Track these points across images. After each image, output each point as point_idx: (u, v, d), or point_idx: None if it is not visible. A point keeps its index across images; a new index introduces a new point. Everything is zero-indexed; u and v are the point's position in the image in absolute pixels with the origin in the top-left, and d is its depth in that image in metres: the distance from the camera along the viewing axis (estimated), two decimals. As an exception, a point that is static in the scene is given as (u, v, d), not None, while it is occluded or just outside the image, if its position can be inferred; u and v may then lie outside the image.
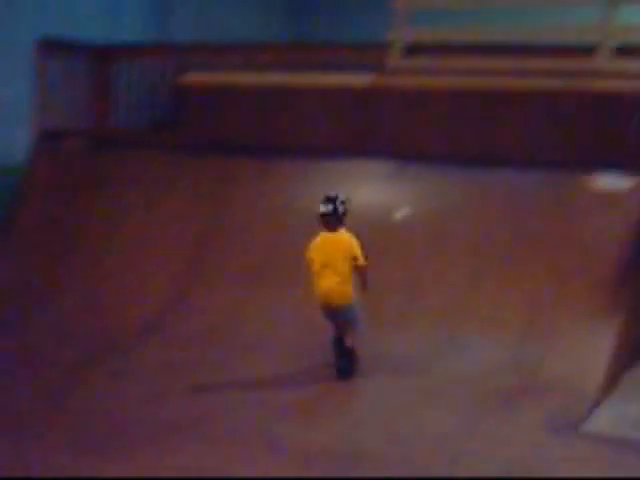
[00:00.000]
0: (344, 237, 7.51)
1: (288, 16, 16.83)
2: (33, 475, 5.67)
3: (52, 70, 11.25)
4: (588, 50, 9.71)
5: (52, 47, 11.17)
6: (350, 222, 7.60)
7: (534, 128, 9.44)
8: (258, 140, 10.51)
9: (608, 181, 8.22)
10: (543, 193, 8.62)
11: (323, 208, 7.49)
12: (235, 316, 8.62)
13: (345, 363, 7.51)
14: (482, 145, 9.58)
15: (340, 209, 7.50)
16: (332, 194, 7.56)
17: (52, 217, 10.11)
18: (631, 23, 10.28)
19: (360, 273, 7.47)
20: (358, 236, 7.51)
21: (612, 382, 7.21)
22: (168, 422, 6.53)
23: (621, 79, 9.39)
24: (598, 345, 7.35)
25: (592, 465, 5.94)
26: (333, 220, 7.50)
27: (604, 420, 6.65)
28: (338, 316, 7.49)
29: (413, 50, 10.59)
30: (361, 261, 7.42)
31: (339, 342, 7.53)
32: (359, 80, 10.40)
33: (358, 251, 7.44)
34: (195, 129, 10.96)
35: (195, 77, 11.26)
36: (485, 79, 9.85)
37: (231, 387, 7.32)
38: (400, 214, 8.10)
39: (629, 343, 7.66)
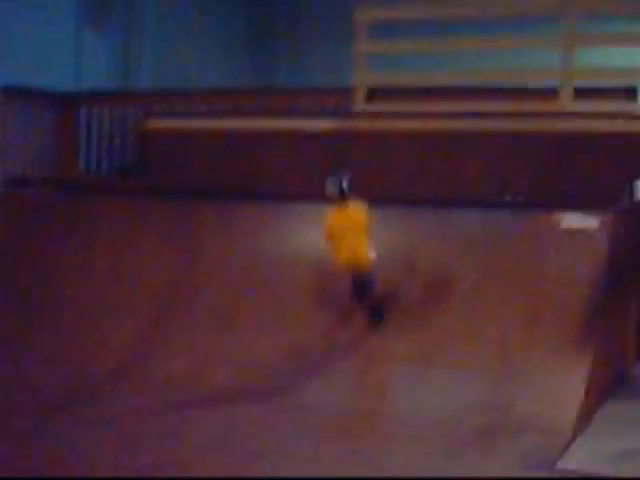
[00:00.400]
0: (354, 212, 8.30)
1: (252, 62, 16.94)
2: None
3: (15, 118, 11.22)
4: (550, 92, 9.85)
5: (15, 95, 11.15)
6: (318, 265, 7.63)
7: (500, 169, 9.54)
8: (224, 185, 10.52)
9: (575, 219, 8.29)
10: (510, 233, 8.66)
11: (330, 190, 8.27)
12: (205, 362, 8.56)
13: (375, 316, 8.42)
14: (448, 186, 9.65)
15: (345, 187, 8.23)
16: (334, 175, 8.31)
17: (17, 265, 10.02)
18: (590, 65, 10.45)
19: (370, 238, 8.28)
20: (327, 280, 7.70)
21: (586, 418, 7.24)
22: (139, 468, 6.43)
23: (583, 119, 9.53)
24: (571, 382, 7.37)
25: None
26: (340, 198, 8.26)
27: (580, 456, 6.65)
28: (361, 281, 8.27)
29: (377, 93, 10.68)
30: (372, 227, 8.26)
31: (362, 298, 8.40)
32: (324, 124, 10.46)
33: (368, 219, 8.27)
34: (161, 175, 10.96)
35: (160, 123, 11.27)
36: (450, 121, 9.96)
37: (202, 433, 7.25)
38: (371, 255, 8.17)
39: (601, 379, 7.70)
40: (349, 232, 8.18)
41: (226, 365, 8.48)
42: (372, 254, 8.23)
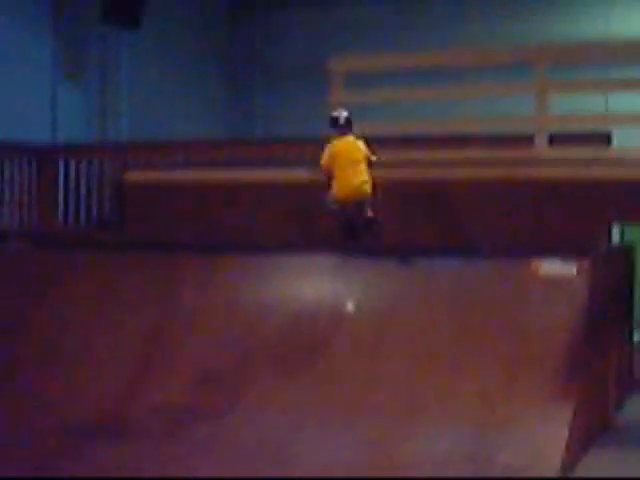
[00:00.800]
0: (356, 140, 9.28)
1: (229, 113, 17.01)
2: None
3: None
4: (525, 139, 9.92)
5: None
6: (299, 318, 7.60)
7: (476, 217, 9.57)
8: (202, 237, 10.51)
9: (553, 266, 8.30)
10: (488, 281, 8.65)
11: (338, 115, 9.31)
12: (186, 415, 8.49)
13: (371, 234, 9.27)
14: (425, 235, 9.68)
15: (350, 117, 9.28)
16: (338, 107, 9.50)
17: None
18: (565, 112, 10.53)
19: (370, 168, 9.22)
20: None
21: (570, 467, 7.21)
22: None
23: (558, 166, 9.59)
24: (553, 431, 7.32)
25: None
26: (346, 126, 9.25)
27: (564, 506, 6.64)
28: (361, 206, 9.16)
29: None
30: (373, 158, 9.27)
31: (354, 226, 9.33)
32: (300, 175, 10.48)
33: (368, 151, 9.25)
34: (139, 227, 10.94)
35: (137, 175, 11.26)
36: (426, 169, 10.01)
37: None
38: (351, 305, 8.15)
39: (583, 428, 7.68)
40: (358, 155, 9.13)
41: (207, 418, 8.42)
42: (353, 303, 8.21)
